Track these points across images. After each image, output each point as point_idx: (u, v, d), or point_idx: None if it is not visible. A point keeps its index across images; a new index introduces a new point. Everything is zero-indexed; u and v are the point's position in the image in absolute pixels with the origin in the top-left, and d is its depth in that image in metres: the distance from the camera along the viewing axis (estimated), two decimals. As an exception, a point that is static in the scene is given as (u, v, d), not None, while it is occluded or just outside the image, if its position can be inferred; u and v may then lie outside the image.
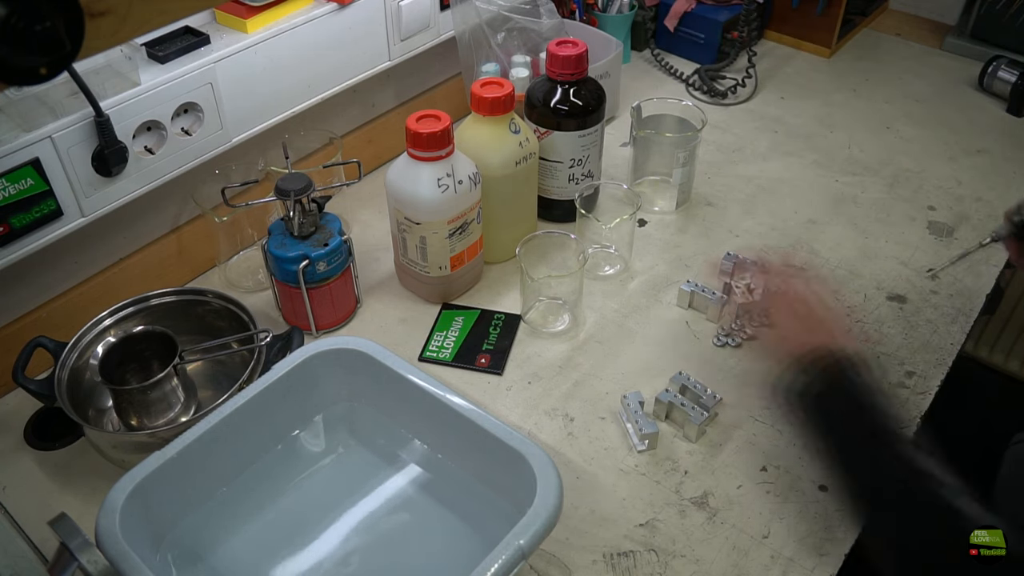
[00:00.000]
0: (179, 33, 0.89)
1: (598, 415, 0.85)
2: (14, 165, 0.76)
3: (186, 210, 0.98)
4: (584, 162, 1.03)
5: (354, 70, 1.05)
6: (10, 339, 0.85)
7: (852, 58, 1.47)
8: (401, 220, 0.92)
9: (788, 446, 0.82)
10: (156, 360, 0.81)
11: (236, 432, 0.73)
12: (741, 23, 1.35)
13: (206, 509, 0.73)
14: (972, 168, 1.20)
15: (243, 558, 0.71)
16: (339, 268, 0.90)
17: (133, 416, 0.80)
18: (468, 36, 1.14)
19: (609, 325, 0.96)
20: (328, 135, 1.06)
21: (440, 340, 0.93)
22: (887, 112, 1.33)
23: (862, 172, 1.20)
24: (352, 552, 0.72)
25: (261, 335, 0.82)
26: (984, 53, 1.39)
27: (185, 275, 1.01)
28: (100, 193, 0.84)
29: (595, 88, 1.01)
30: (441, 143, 0.86)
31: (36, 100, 0.78)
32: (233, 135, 0.94)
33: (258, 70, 0.93)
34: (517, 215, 1.03)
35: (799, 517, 0.76)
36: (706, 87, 1.37)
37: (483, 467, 0.74)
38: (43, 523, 0.58)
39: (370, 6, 1.02)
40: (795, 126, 1.30)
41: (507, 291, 1.00)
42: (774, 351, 0.74)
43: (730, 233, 1.09)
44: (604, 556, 0.73)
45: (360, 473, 0.78)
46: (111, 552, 0.60)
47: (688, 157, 1.08)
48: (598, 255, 1.04)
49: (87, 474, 0.80)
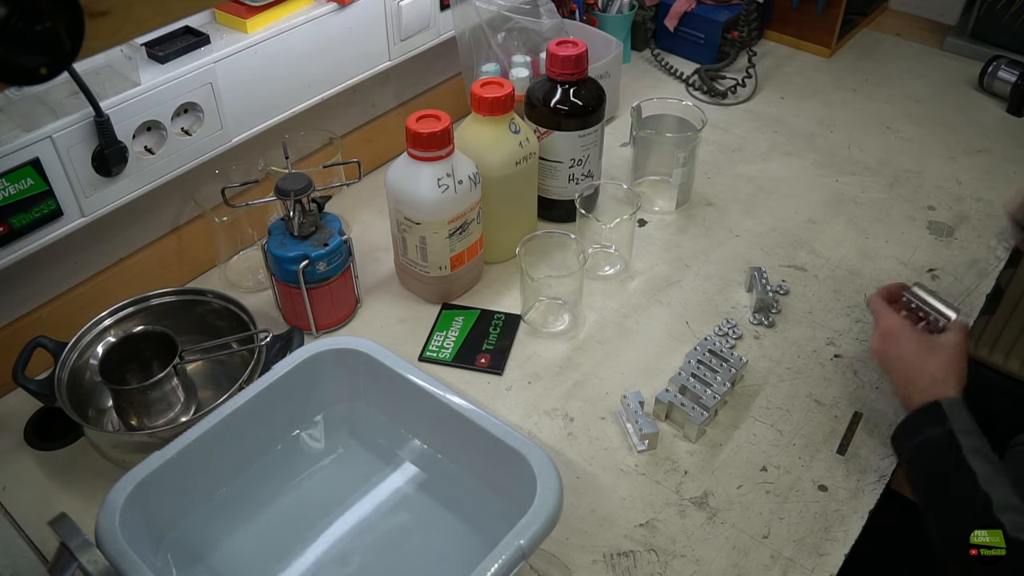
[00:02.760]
0: (179, 33, 0.89)
1: (598, 415, 0.85)
2: (14, 165, 0.76)
3: (186, 210, 0.98)
4: (584, 162, 1.03)
5: (354, 70, 1.05)
6: (10, 339, 0.85)
7: (852, 58, 1.47)
8: (401, 220, 0.92)
9: (788, 446, 0.82)
10: (156, 360, 0.81)
11: (236, 432, 0.73)
12: (741, 23, 1.35)
13: (206, 509, 0.73)
14: (972, 168, 1.20)
15: (243, 558, 0.71)
16: (339, 268, 0.90)
17: (133, 416, 0.80)
18: (468, 36, 1.14)
19: (609, 325, 0.96)
20: (328, 135, 1.06)
21: (440, 340, 0.93)
22: (887, 112, 1.33)
23: (862, 172, 1.20)
24: (352, 552, 0.72)
25: (261, 335, 0.82)
26: (984, 53, 1.39)
27: (185, 275, 1.01)
28: (100, 193, 0.84)
29: (595, 88, 1.01)
30: (441, 143, 0.87)
31: (36, 100, 0.78)
32: (233, 135, 0.94)
33: (258, 70, 0.93)
34: (517, 215, 1.03)
35: (799, 517, 0.76)
36: (706, 87, 1.37)
37: (483, 467, 0.74)
38: (43, 523, 0.58)
39: (370, 6, 1.02)
40: (795, 126, 1.30)
41: (507, 291, 1.00)
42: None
43: (730, 233, 1.09)
44: (604, 556, 0.73)
45: (360, 473, 0.78)
46: (111, 552, 0.60)
47: (688, 157, 1.08)
48: (598, 255, 1.04)
49: (87, 474, 0.80)
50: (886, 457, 0.81)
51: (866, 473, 0.80)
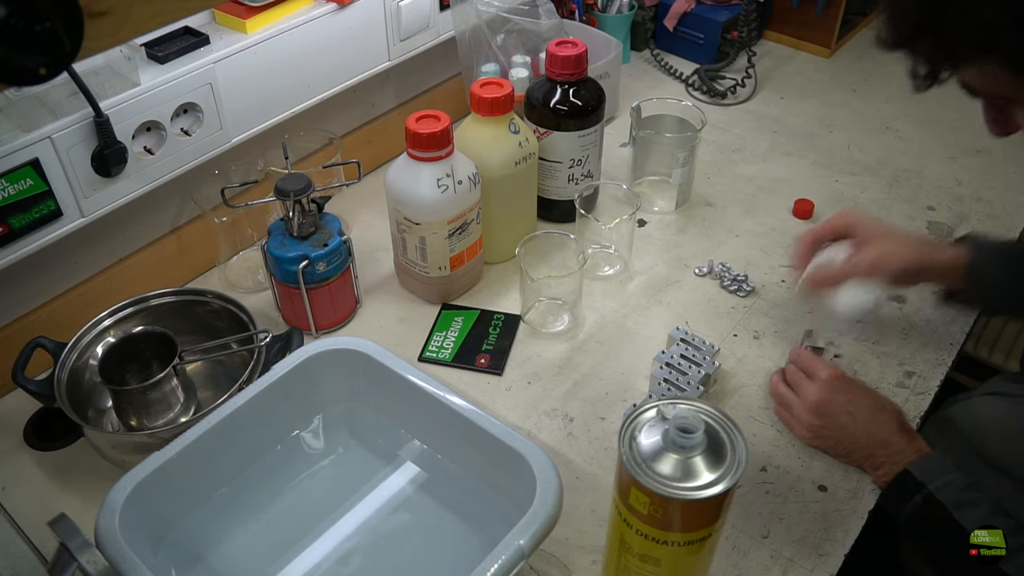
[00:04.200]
0: (179, 33, 0.89)
1: (598, 415, 0.85)
2: (14, 165, 0.76)
3: (186, 210, 0.98)
4: (584, 162, 1.03)
5: (354, 70, 1.05)
6: (10, 339, 0.85)
7: (852, 58, 1.47)
8: (401, 220, 0.92)
9: (788, 446, 0.82)
10: (156, 360, 0.81)
11: (236, 432, 0.73)
12: (741, 23, 1.35)
13: (206, 509, 0.73)
14: (972, 168, 1.20)
15: (243, 558, 0.71)
16: (339, 268, 0.90)
17: (133, 416, 0.80)
18: (468, 36, 1.14)
19: (609, 325, 0.96)
20: (328, 135, 1.06)
21: (440, 340, 0.93)
22: (887, 112, 1.33)
23: (862, 172, 1.20)
24: (352, 552, 0.72)
25: (261, 335, 0.82)
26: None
27: (185, 275, 1.01)
28: (100, 193, 0.84)
29: (595, 88, 1.01)
30: (441, 143, 0.86)
31: (36, 100, 0.78)
32: (233, 135, 0.94)
33: (258, 70, 0.93)
34: (517, 215, 1.03)
35: (799, 517, 0.76)
36: (706, 87, 1.37)
37: (483, 467, 0.74)
38: (43, 523, 0.58)
39: (370, 6, 1.02)
40: (795, 126, 1.30)
41: (507, 291, 1.00)
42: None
43: (730, 233, 1.09)
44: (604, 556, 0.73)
45: (360, 473, 0.78)
46: (111, 552, 0.60)
47: (688, 157, 1.08)
48: (598, 255, 1.04)
49: (87, 474, 0.80)
50: (886, 457, 0.81)
51: (866, 473, 0.80)
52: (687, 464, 0.56)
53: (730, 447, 0.57)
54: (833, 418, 0.79)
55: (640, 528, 0.59)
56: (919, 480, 0.72)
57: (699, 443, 0.56)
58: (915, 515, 0.73)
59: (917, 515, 0.72)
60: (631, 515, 0.59)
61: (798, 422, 0.81)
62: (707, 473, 0.55)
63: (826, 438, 0.80)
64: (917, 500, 0.72)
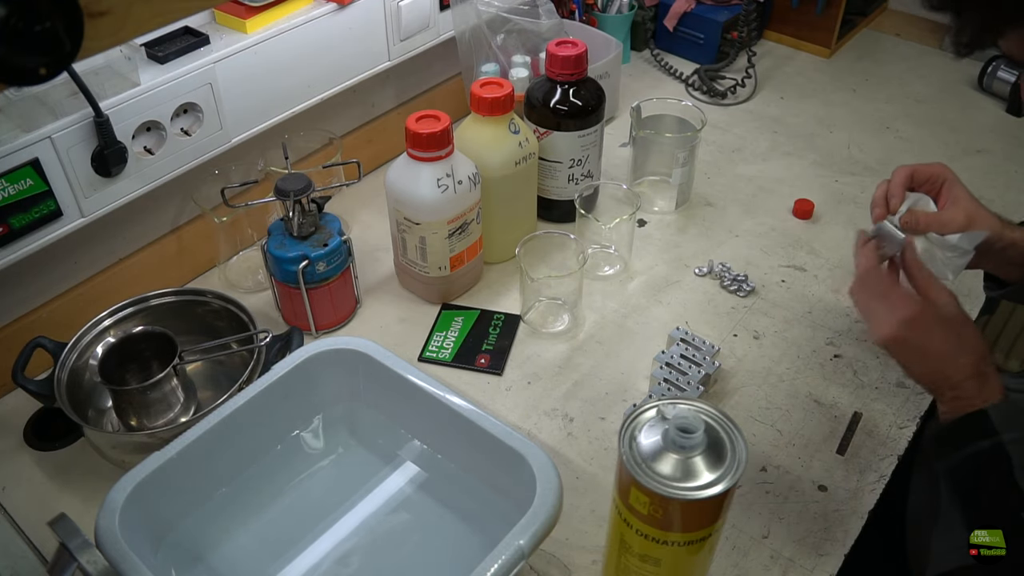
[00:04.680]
0: (179, 33, 0.89)
1: (598, 415, 0.85)
2: (14, 165, 0.76)
3: (186, 210, 0.98)
4: (584, 162, 1.03)
5: (354, 70, 1.05)
6: (10, 339, 0.85)
7: (852, 58, 1.47)
8: (401, 220, 0.92)
9: (788, 446, 0.82)
10: (156, 360, 0.81)
11: (236, 432, 0.73)
12: (741, 23, 1.35)
13: (206, 509, 0.73)
14: (972, 168, 1.20)
15: (243, 558, 0.71)
16: (339, 268, 0.90)
17: (133, 416, 0.80)
18: (468, 36, 1.14)
19: (609, 325, 0.96)
20: (328, 135, 1.06)
21: (440, 340, 0.93)
22: (887, 112, 1.33)
23: (862, 172, 1.20)
24: (352, 552, 0.72)
25: (261, 335, 0.82)
26: (984, 53, 1.39)
27: (185, 275, 1.01)
28: (100, 193, 0.84)
29: (595, 88, 1.01)
30: (441, 143, 0.87)
31: (36, 100, 0.78)
32: (233, 135, 0.94)
33: (258, 70, 0.93)
34: (517, 215, 1.03)
35: (799, 517, 0.76)
36: (706, 87, 1.37)
37: (483, 467, 0.74)
38: (43, 523, 0.58)
39: (370, 6, 1.02)
40: (795, 126, 1.30)
41: (507, 291, 1.00)
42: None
43: (730, 233, 1.09)
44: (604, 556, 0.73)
45: (360, 473, 0.78)
46: (111, 552, 0.60)
47: (688, 157, 1.08)
48: (598, 255, 1.04)
49: (87, 474, 0.80)
50: (886, 457, 0.81)
51: (866, 473, 0.80)
52: (687, 464, 0.56)
53: (730, 447, 0.57)
54: (917, 346, 0.71)
55: (640, 528, 0.59)
56: (995, 427, 0.66)
57: (699, 443, 0.56)
58: (974, 457, 0.65)
59: (979, 457, 0.65)
60: (631, 515, 0.59)
61: (883, 322, 0.71)
62: (707, 473, 0.55)
63: (900, 353, 0.72)
64: (984, 444, 0.65)
